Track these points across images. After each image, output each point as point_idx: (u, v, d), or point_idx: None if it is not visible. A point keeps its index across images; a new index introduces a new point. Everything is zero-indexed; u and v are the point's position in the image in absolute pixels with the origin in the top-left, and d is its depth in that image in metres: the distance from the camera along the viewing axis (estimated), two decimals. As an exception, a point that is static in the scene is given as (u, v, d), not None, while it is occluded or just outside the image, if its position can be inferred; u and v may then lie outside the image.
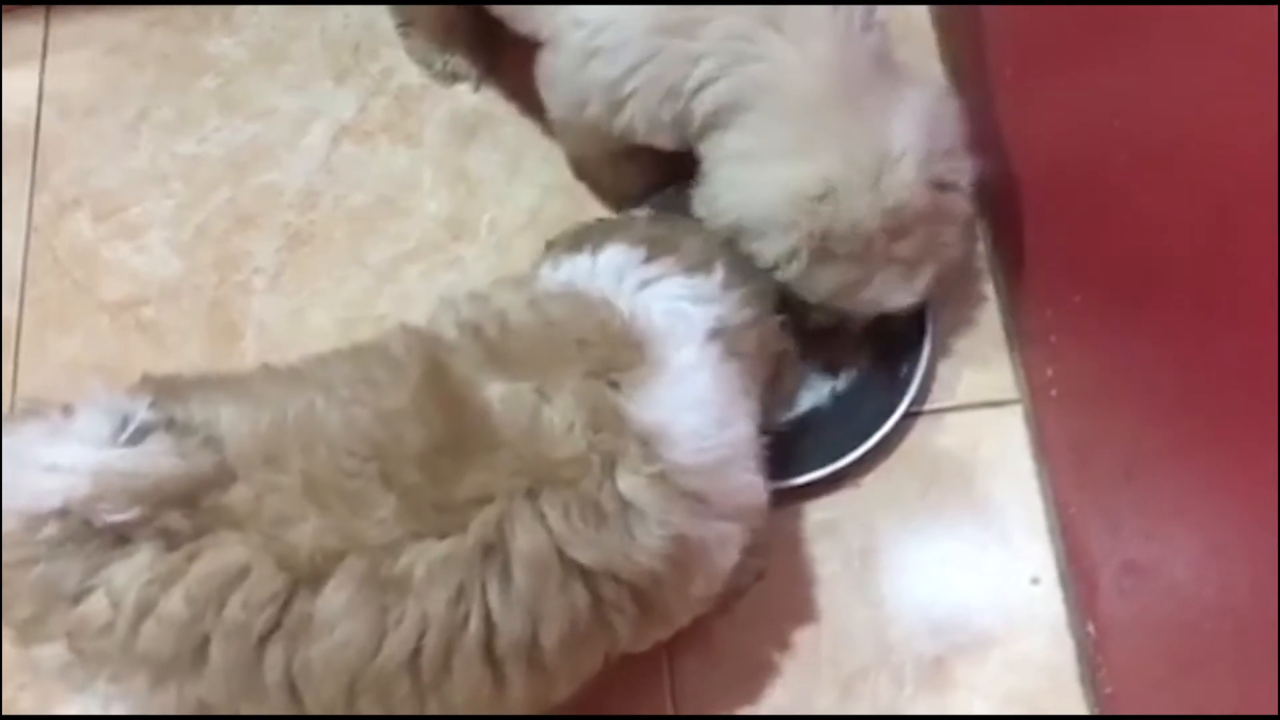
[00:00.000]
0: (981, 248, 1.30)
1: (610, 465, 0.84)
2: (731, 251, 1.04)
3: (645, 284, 0.95)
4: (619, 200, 1.33)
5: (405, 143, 1.43)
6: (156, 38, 1.51)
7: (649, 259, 0.97)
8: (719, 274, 0.98)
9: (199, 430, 0.82)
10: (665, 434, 0.85)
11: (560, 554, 0.83)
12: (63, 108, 1.48)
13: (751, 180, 1.04)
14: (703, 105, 1.05)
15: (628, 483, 0.84)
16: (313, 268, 1.36)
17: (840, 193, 1.00)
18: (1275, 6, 0.66)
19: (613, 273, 0.96)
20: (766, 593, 1.17)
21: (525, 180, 1.39)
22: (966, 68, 1.35)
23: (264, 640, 0.79)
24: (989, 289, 1.28)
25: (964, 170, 1.07)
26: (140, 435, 0.79)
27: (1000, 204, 1.27)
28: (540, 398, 0.85)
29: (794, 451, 1.19)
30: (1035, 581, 1.16)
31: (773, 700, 1.13)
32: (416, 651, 0.80)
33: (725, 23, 1.01)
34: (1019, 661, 1.13)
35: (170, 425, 0.81)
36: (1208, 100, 0.77)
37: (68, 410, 0.82)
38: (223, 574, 0.78)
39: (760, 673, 1.14)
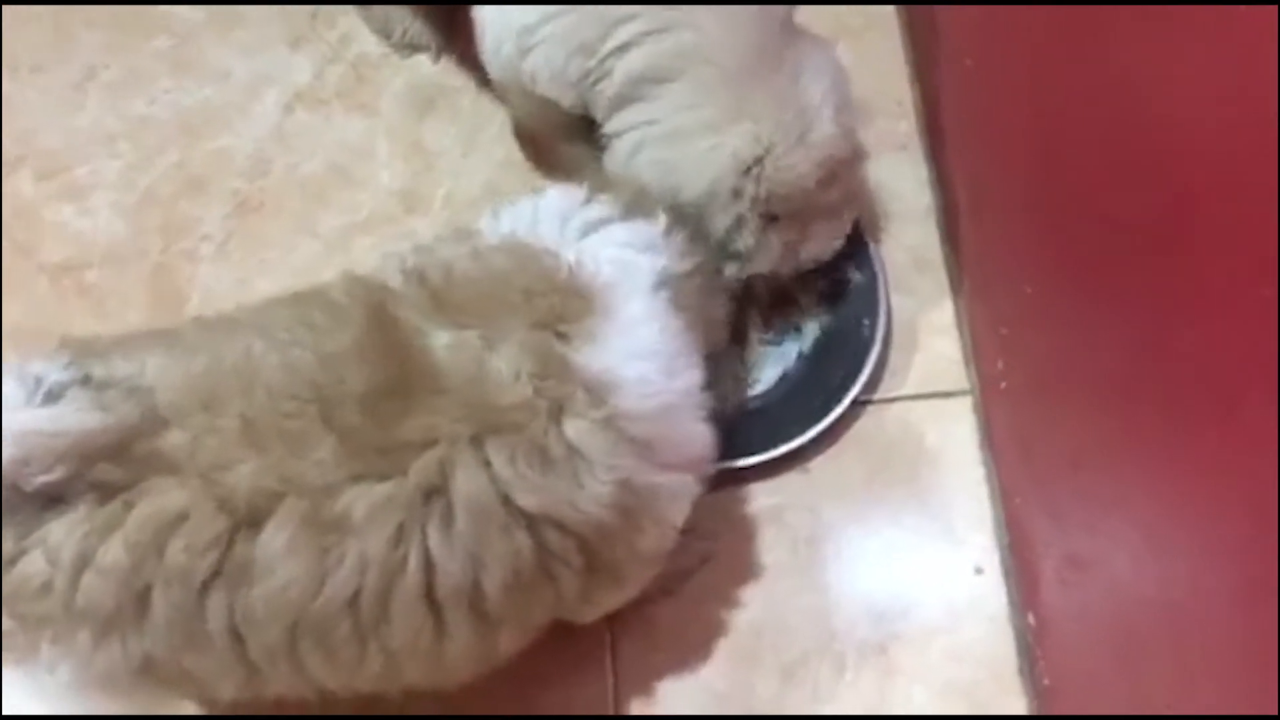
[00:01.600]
0: (936, 238, 1.30)
1: (557, 411, 0.83)
2: (658, 199, 1.04)
3: (588, 228, 0.95)
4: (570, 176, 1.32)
5: (360, 112, 1.40)
6: (109, -6, 1.48)
7: (589, 200, 0.97)
8: (660, 220, 0.98)
9: (121, 383, 0.80)
10: (612, 381, 0.85)
11: (504, 499, 0.82)
12: (10, 63, 1.44)
13: (684, 158, 1.04)
14: (623, 68, 1.05)
15: (574, 428, 0.83)
16: (262, 236, 1.34)
17: (775, 153, 1.01)
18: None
19: (555, 217, 0.95)
20: (712, 576, 1.17)
21: (481, 155, 1.38)
22: (927, 61, 1.35)
23: (206, 585, 0.77)
24: (941, 280, 1.28)
25: (858, 115, 1.10)
26: (55, 395, 0.77)
27: (955, 196, 1.27)
28: (486, 346, 0.84)
29: (742, 434, 1.19)
30: (979, 572, 1.16)
31: (714, 685, 1.13)
32: (356, 593, 0.80)
33: None
34: (960, 651, 1.13)
35: (87, 382, 0.79)
36: (1164, 94, 0.77)
37: None
38: (162, 518, 0.76)
39: (702, 656, 1.14)
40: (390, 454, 0.80)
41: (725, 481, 1.18)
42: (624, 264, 0.92)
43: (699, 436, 0.93)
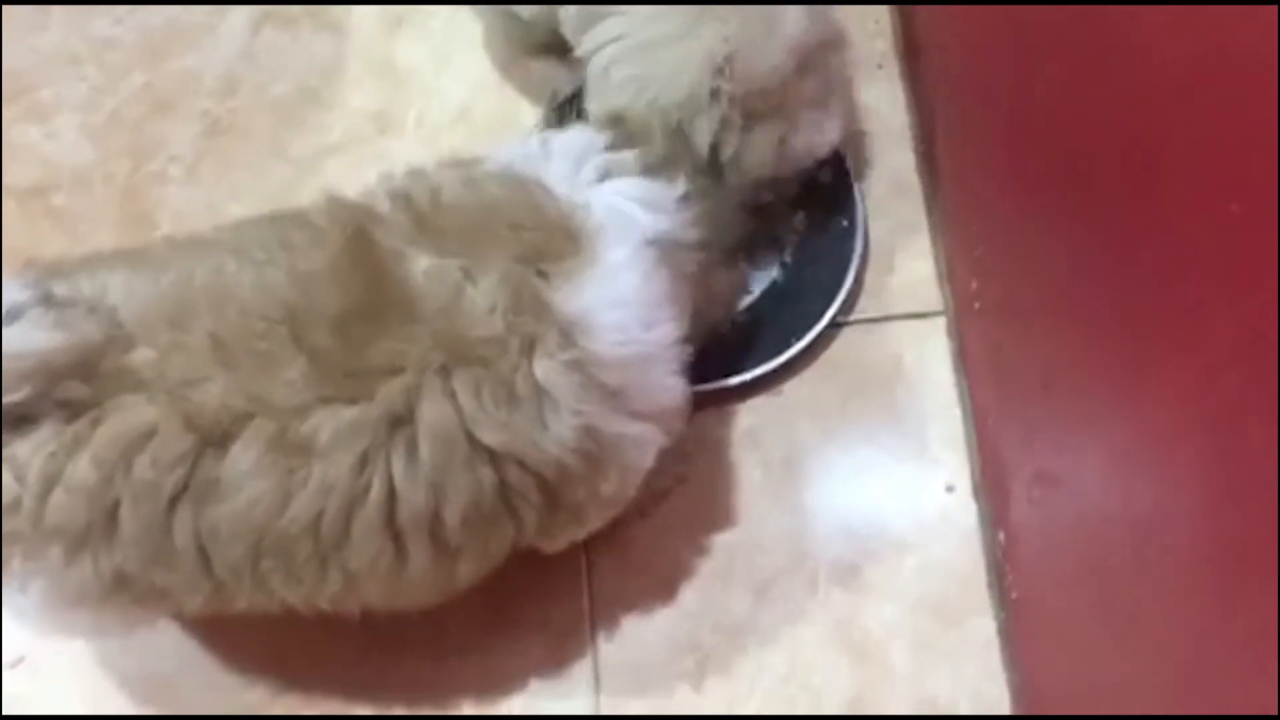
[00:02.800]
0: (912, 159, 1.30)
1: (528, 349, 0.83)
2: (695, 167, 1.02)
3: (604, 176, 0.93)
4: (548, 99, 1.31)
5: (330, 31, 1.38)
6: (69, -89, 1.44)
7: (611, 147, 0.95)
8: (680, 186, 0.95)
9: (84, 302, 0.80)
10: (586, 325, 0.85)
11: (468, 433, 0.82)
12: (-32, -18, 1.41)
13: (657, 67, 1.03)
14: None
15: (543, 367, 0.83)
16: (231, 158, 1.32)
17: (744, 49, 1.00)
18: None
19: (569, 158, 0.94)
20: (687, 497, 1.18)
21: (454, 74, 1.36)
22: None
23: (173, 501, 0.78)
24: (917, 201, 1.28)
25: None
26: (15, 315, 0.77)
27: (932, 116, 1.26)
28: (465, 276, 0.84)
29: (717, 355, 1.19)
30: (950, 490, 1.18)
31: (688, 601, 1.15)
32: (319, 516, 0.80)
33: None
34: (930, 567, 1.15)
35: (49, 301, 0.79)
36: (1138, 16, 0.77)
37: None
38: (130, 435, 0.77)
39: (677, 576, 1.16)
40: (358, 378, 0.80)
41: (700, 403, 1.19)
42: (620, 212, 0.90)
43: (671, 389, 0.93)
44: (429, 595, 0.91)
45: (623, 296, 0.87)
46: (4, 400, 0.75)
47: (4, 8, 1.39)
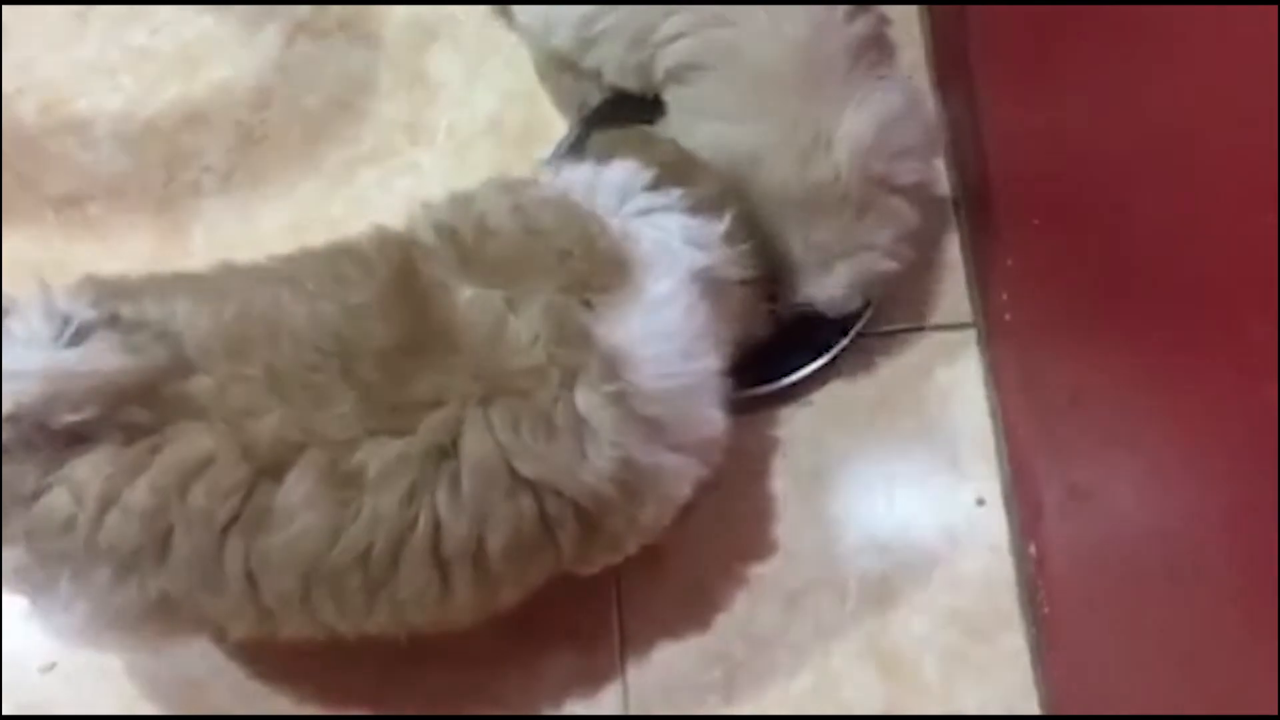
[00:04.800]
0: (944, 171, 1.29)
1: (570, 379, 0.84)
2: (743, 203, 1.01)
3: (647, 212, 0.93)
4: (575, 108, 1.31)
5: (363, 43, 1.39)
6: (107, -75, 1.45)
7: (657, 186, 0.95)
8: (724, 224, 0.95)
9: (151, 326, 0.80)
10: (629, 357, 0.85)
11: (508, 464, 0.83)
12: (7, -7, 1.42)
13: (693, 129, 1.05)
14: (667, 58, 1.05)
15: (585, 398, 0.84)
16: (264, 168, 1.33)
17: (767, 159, 1.01)
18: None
19: (615, 191, 0.94)
20: (716, 506, 1.17)
21: (486, 85, 1.36)
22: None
23: (226, 530, 0.79)
24: (947, 212, 1.27)
25: (918, 173, 1.05)
26: (83, 335, 0.78)
27: (962, 126, 1.26)
28: (508, 306, 0.85)
29: (746, 364, 1.19)
30: (981, 503, 1.17)
31: (717, 613, 1.15)
32: (368, 548, 0.81)
33: None
34: (961, 581, 1.14)
35: (115, 322, 0.79)
36: (1170, 17, 0.76)
37: (4, 312, 0.80)
38: (188, 462, 0.78)
39: (706, 586, 1.15)
40: (403, 411, 0.81)
41: (730, 411, 1.19)
42: (665, 246, 0.91)
43: (711, 421, 0.93)
44: (470, 619, 0.92)
45: (666, 329, 0.88)
46: (67, 418, 0.75)
47: (40, 13, 1.41)
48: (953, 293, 1.25)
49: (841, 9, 1.02)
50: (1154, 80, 0.80)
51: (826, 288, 1.08)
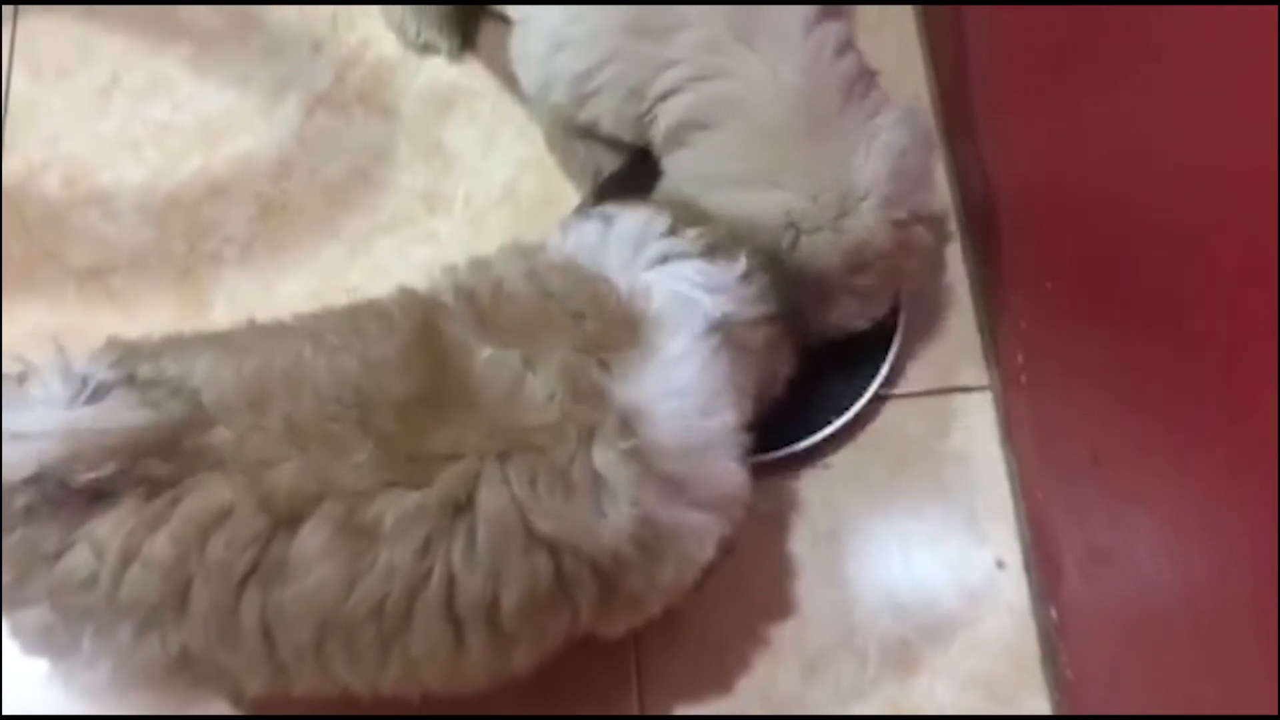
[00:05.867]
0: (956, 233, 1.30)
1: (587, 437, 0.84)
2: (757, 240, 1.01)
3: (663, 260, 0.93)
4: (592, 178, 1.33)
5: (381, 114, 1.41)
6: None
7: (671, 231, 0.95)
8: (741, 264, 0.95)
9: (168, 382, 0.81)
10: (645, 414, 0.85)
11: (525, 521, 0.83)
12: (34, 70, 1.45)
13: (704, 198, 1.04)
14: (667, 115, 1.05)
15: (602, 456, 0.84)
16: (285, 238, 1.35)
17: (802, 228, 1.01)
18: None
19: (628, 243, 0.94)
20: (734, 569, 1.17)
21: (501, 155, 1.38)
22: (943, 55, 1.35)
23: (243, 582, 0.79)
24: (961, 276, 1.29)
25: (929, 203, 1.07)
26: (101, 393, 0.79)
27: (974, 190, 1.27)
28: (525, 366, 0.85)
29: (762, 428, 1.19)
30: (1000, 565, 1.17)
31: (736, 678, 1.14)
32: (382, 601, 0.81)
33: (697, 32, 1.01)
34: (982, 644, 1.14)
35: (132, 381, 0.80)
36: (1183, 88, 0.78)
37: (22, 378, 0.82)
38: (207, 514, 0.78)
39: (725, 649, 1.15)
40: (420, 463, 0.81)
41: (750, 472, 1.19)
42: (680, 298, 0.91)
43: (732, 475, 0.92)
44: (485, 680, 0.91)
45: (682, 385, 0.87)
46: (87, 476, 0.76)
47: (65, 89, 1.44)
48: (968, 355, 1.25)
49: (831, 40, 1.02)
50: (1163, 147, 0.81)
51: (867, 319, 1.11)
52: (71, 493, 0.77)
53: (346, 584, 0.80)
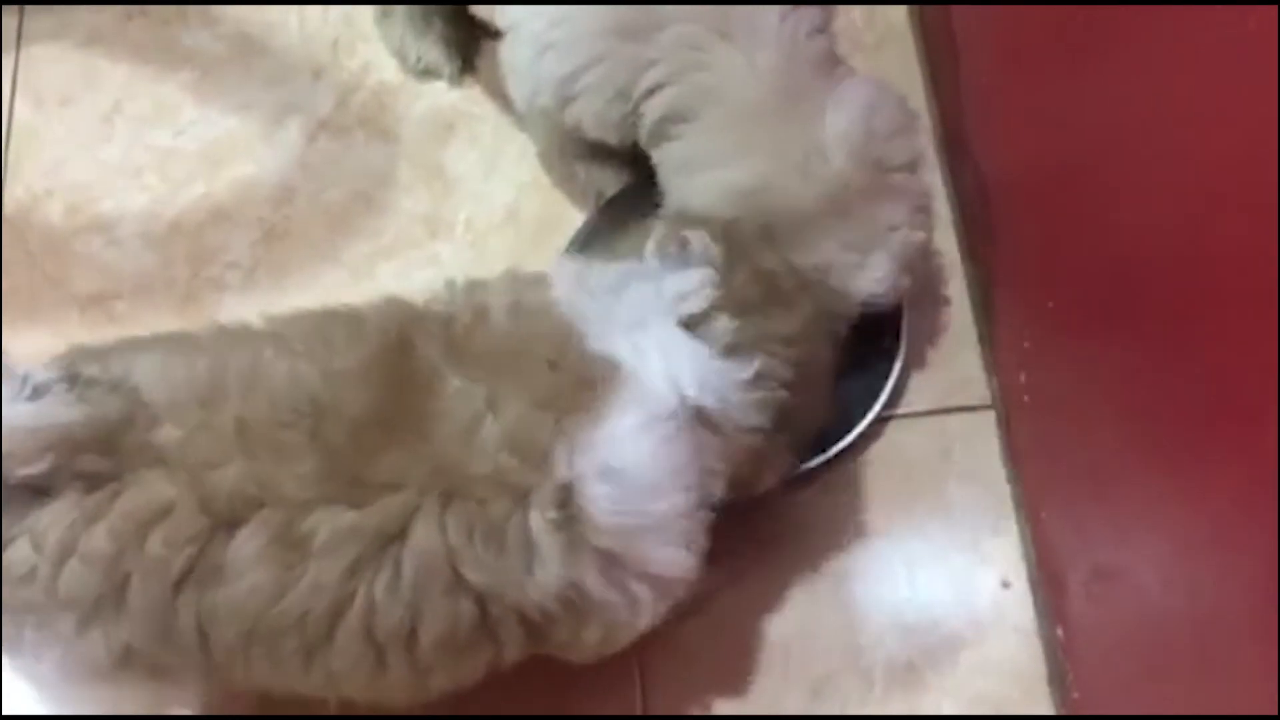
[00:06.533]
0: (956, 254, 1.30)
1: (524, 498, 0.83)
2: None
3: (666, 349, 0.88)
4: (591, 198, 1.33)
5: (382, 139, 1.42)
6: (133, 30, 1.50)
7: (691, 330, 0.89)
8: (756, 363, 0.89)
9: (107, 381, 0.82)
10: (583, 487, 0.83)
11: (453, 565, 0.82)
12: (36, 98, 1.46)
13: (690, 185, 1.06)
14: (651, 111, 1.07)
15: (536, 522, 0.83)
16: (287, 263, 1.36)
17: (772, 184, 1.02)
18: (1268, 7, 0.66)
19: (642, 303, 0.89)
20: (738, 594, 1.17)
21: (502, 178, 1.39)
22: (943, 75, 1.35)
23: (180, 581, 0.79)
24: (963, 295, 1.29)
25: (911, 149, 1.07)
26: (40, 392, 0.79)
27: (975, 210, 1.28)
28: (488, 406, 0.84)
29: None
30: (1005, 585, 1.16)
31: (742, 702, 1.14)
32: (306, 613, 0.81)
33: (677, 30, 1.03)
34: (988, 664, 1.13)
35: (74, 380, 0.81)
36: (1183, 107, 0.78)
37: None
38: (146, 510, 0.79)
39: (730, 674, 1.14)
40: (362, 485, 0.81)
41: (750, 500, 1.19)
42: (653, 374, 0.87)
43: (673, 562, 0.88)
44: (405, 700, 0.91)
45: (624, 465, 0.84)
46: (22, 472, 0.77)
47: (68, 116, 1.45)
48: (971, 375, 1.25)
49: (804, 25, 1.04)
50: (1168, 168, 0.81)
51: (873, 280, 1.08)
52: (12, 490, 0.78)
53: (276, 593, 0.80)
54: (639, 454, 0.85)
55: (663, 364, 0.87)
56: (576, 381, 0.86)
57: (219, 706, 1.06)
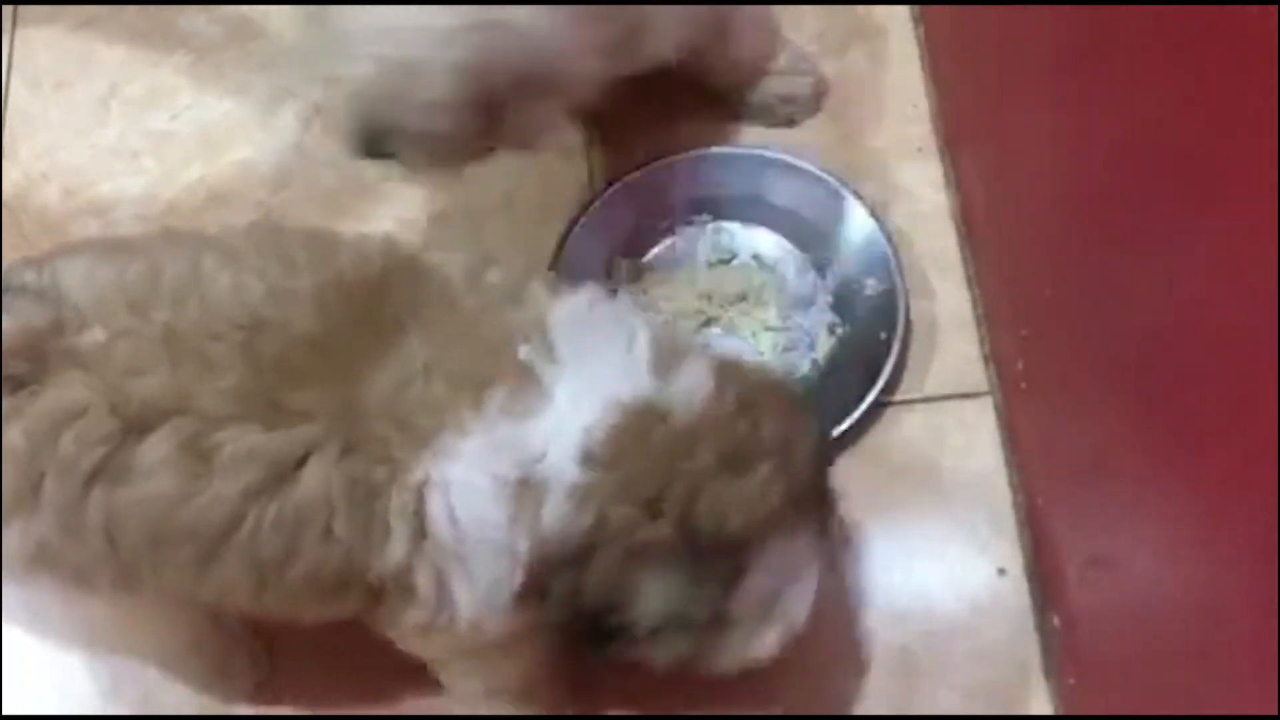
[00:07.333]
0: (954, 239, 1.30)
1: (403, 476, 0.82)
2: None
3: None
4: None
5: (379, 123, 1.41)
6: (129, 13, 1.49)
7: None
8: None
9: (37, 289, 0.83)
10: (430, 495, 0.82)
11: (329, 514, 0.82)
12: (32, 81, 1.46)
13: None
14: None
15: (395, 501, 0.82)
16: (284, 248, 1.35)
17: None
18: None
19: (629, 373, 0.85)
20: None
21: (498, 163, 1.37)
22: (943, 61, 1.35)
23: (90, 480, 0.80)
24: (961, 281, 1.28)
25: None
26: None
27: (973, 198, 1.27)
28: (424, 373, 0.82)
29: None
30: (1001, 573, 1.16)
31: (737, 689, 1.13)
32: (201, 525, 0.81)
33: None
34: (983, 652, 1.13)
35: (6, 290, 0.82)
36: (1180, 95, 0.77)
37: None
38: (61, 411, 0.79)
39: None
40: (277, 410, 0.81)
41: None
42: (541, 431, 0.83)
43: (485, 613, 0.86)
44: (290, 619, 0.92)
45: (461, 509, 0.82)
46: None
47: (63, 100, 1.44)
48: (968, 361, 1.25)
49: None
50: (1165, 150, 0.80)
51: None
52: None
53: (178, 500, 0.80)
54: (474, 506, 0.82)
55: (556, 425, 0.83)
56: (498, 364, 0.83)
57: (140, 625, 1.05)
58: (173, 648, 1.09)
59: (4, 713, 1.12)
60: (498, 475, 0.81)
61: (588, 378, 0.84)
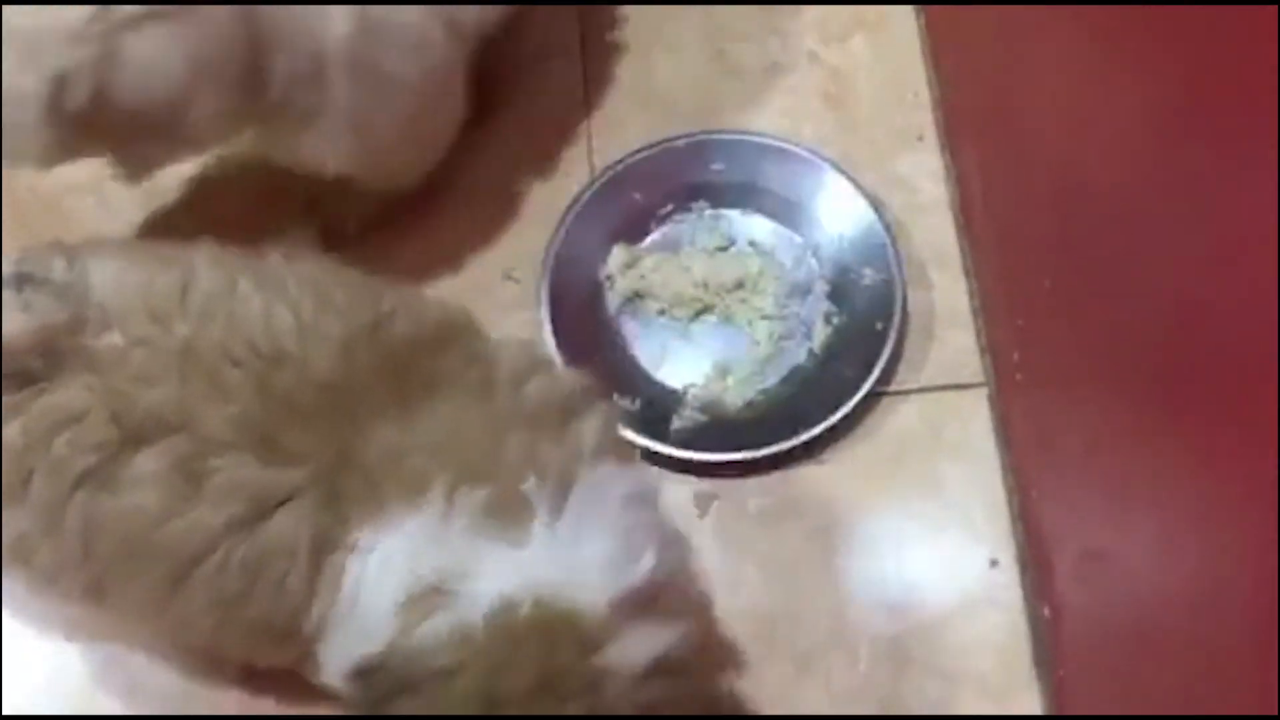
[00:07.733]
0: (952, 230, 1.30)
1: (342, 547, 0.81)
2: None
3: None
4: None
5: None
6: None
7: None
8: None
9: (55, 284, 0.82)
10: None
11: (287, 569, 0.81)
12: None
13: None
14: None
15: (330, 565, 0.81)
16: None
17: None
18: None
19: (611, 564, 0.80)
20: (726, 567, 1.17)
21: (497, 151, 1.38)
22: (944, 50, 1.34)
23: (76, 484, 0.80)
24: (958, 272, 1.28)
25: None
26: None
27: (972, 188, 1.27)
28: (424, 450, 0.81)
29: (755, 427, 1.19)
30: (994, 564, 1.16)
31: (727, 676, 1.13)
32: (176, 549, 0.81)
33: None
34: (974, 643, 1.13)
35: (26, 282, 0.81)
36: (1181, 85, 0.77)
37: None
38: (61, 413, 0.79)
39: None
40: (271, 445, 0.80)
41: (740, 471, 1.19)
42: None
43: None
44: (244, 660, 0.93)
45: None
46: None
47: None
48: (964, 352, 1.25)
49: None
50: (1165, 143, 0.80)
51: None
52: None
53: (160, 518, 0.80)
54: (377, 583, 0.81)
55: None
56: (504, 487, 0.80)
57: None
58: (155, 634, 1.08)
59: (4, 713, 1.11)
60: (416, 568, 0.79)
61: (567, 558, 0.79)
